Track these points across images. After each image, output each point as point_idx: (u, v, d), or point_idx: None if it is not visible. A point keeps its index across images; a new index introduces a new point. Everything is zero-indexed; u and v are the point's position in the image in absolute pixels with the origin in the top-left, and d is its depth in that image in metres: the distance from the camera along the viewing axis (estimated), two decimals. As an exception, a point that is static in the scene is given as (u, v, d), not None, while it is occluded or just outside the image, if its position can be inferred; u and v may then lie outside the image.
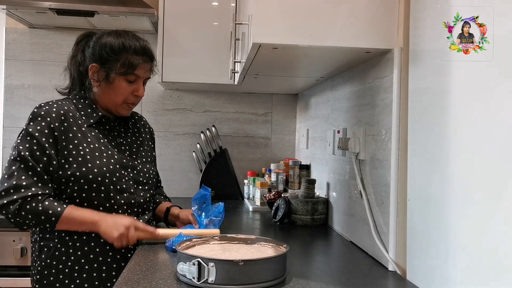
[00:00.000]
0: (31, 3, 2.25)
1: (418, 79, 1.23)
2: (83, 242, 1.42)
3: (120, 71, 1.46)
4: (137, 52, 1.47)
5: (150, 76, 1.55)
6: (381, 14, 1.35)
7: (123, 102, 1.50)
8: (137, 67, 1.47)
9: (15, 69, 2.72)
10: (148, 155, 1.62)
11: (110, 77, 1.47)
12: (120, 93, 1.48)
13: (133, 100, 1.52)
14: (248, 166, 2.83)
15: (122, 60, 1.45)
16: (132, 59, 1.46)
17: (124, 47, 1.46)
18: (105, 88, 1.49)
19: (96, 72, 1.48)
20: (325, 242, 1.70)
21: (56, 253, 1.41)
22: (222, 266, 1.09)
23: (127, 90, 1.48)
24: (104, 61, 1.46)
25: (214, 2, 2.44)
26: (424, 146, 1.17)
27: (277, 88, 2.64)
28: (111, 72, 1.46)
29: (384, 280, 1.25)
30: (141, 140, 1.62)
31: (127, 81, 1.48)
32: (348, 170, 1.70)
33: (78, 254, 1.41)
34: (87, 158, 1.42)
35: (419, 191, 1.20)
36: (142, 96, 1.53)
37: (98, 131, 1.49)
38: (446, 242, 1.05)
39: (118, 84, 1.47)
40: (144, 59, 1.49)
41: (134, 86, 1.49)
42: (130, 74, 1.47)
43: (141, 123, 1.69)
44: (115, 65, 1.45)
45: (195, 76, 2.42)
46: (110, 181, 1.43)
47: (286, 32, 1.33)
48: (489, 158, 0.91)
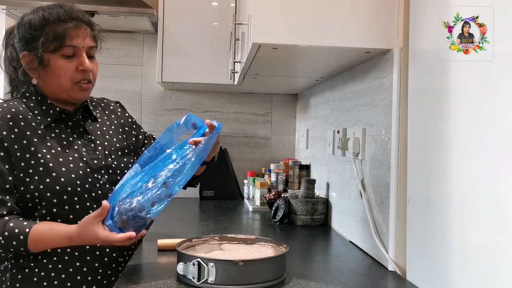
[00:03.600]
0: (31, 3, 2.25)
1: (418, 79, 1.23)
2: (66, 263, 1.22)
3: (49, 48, 1.21)
4: (61, 19, 1.22)
5: (93, 44, 1.28)
6: (381, 14, 1.35)
7: (72, 84, 1.25)
8: (66, 36, 1.21)
9: (15, 69, 2.71)
10: (123, 146, 1.38)
11: (43, 60, 1.22)
12: (62, 74, 1.23)
13: (82, 77, 1.25)
14: (248, 166, 2.82)
15: (46, 34, 1.21)
16: (57, 29, 1.21)
17: (45, 19, 1.22)
18: (44, 75, 1.25)
19: (28, 60, 1.24)
20: (325, 242, 1.70)
21: (34, 279, 1.21)
22: (222, 266, 1.09)
23: (68, 68, 1.23)
24: (29, 44, 1.22)
25: (214, 2, 2.44)
26: (424, 146, 1.17)
27: (277, 88, 2.64)
28: (41, 53, 1.21)
29: (384, 280, 1.25)
30: (113, 129, 1.39)
31: (64, 57, 1.23)
32: (348, 170, 1.70)
33: (62, 277, 1.22)
34: (49, 166, 1.20)
35: (419, 191, 1.20)
36: (90, 70, 1.26)
37: (59, 131, 1.27)
38: (446, 242, 1.05)
39: (54, 64, 1.22)
40: (74, 25, 1.23)
41: (76, 60, 1.24)
42: (62, 47, 1.21)
43: (107, 107, 1.44)
44: (41, 43, 1.21)
45: (195, 76, 2.42)
46: (83, 189, 1.22)
47: (286, 32, 1.33)
48: (489, 158, 0.91)
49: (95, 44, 1.29)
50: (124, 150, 1.37)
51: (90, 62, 1.27)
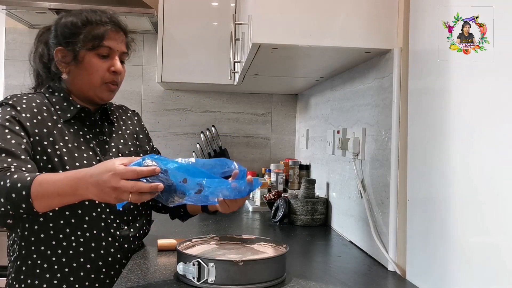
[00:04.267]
0: (31, 3, 2.25)
1: (418, 79, 1.23)
2: (71, 257, 1.23)
3: (87, 46, 1.27)
4: (102, 22, 1.29)
5: (126, 51, 1.36)
6: (381, 14, 1.35)
7: (101, 83, 1.30)
8: (105, 36, 1.28)
9: (15, 69, 2.72)
10: (137, 151, 1.42)
11: (78, 56, 1.28)
12: (95, 71, 1.29)
13: (112, 78, 1.31)
14: (248, 166, 2.82)
15: (87, 32, 1.27)
16: (97, 30, 1.28)
17: (88, 20, 1.29)
18: (76, 71, 1.30)
19: (62, 55, 1.30)
20: (325, 242, 1.70)
21: (37, 270, 1.22)
22: (222, 266, 1.08)
23: (101, 67, 1.29)
24: (68, 40, 1.28)
25: (214, 2, 2.44)
26: (424, 146, 1.17)
27: (277, 88, 2.64)
28: (78, 49, 1.27)
29: (384, 280, 1.25)
30: (127, 134, 1.43)
31: (99, 56, 1.29)
32: (348, 170, 1.70)
33: (66, 271, 1.23)
34: (64, 159, 1.23)
35: (419, 191, 1.20)
36: (120, 72, 1.33)
37: (77, 128, 1.30)
38: (446, 242, 1.05)
39: (89, 61, 1.28)
40: (113, 28, 1.31)
41: (109, 61, 1.31)
42: (99, 47, 1.28)
43: (125, 114, 1.49)
44: (81, 40, 1.27)
45: (195, 76, 2.42)
46: None
47: (286, 32, 1.33)
48: (489, 158, 0.91)
49: (127, 51, 1.37)
50: (137, 156, 1.37)
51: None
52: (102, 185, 0.99)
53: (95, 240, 1.26)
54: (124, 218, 1.32)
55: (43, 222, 1.23)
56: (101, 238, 1.27)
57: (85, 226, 1.25)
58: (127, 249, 1.33)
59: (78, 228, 1.24)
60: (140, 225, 1.38)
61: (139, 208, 1.38)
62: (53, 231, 1.23)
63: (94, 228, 1.26)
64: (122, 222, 1.32)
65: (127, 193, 0.98)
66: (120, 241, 1.30)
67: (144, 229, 1.41)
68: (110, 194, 0.99)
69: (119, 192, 0.98)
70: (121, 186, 0.98)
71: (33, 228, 1.23)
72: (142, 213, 1.40)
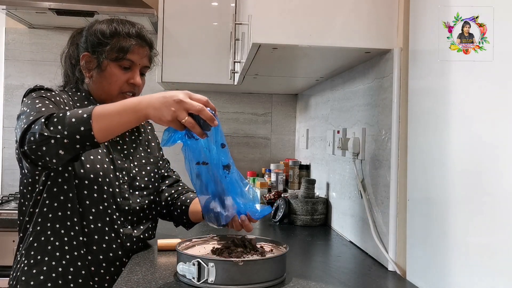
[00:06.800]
0: (31, 3, 2.25)
1: (418, 79, 1.23)
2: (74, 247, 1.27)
3: (111, 56, 1.34)
4: (130, 35, 1.35)
5: (148, 65, 1.42)
6: (381, 14, 1.35)
7: (118, 93, 1.36)
8: (130, 50, 1.34)
9: (15, 69, 2.72)
10: (148, 157, 1.47)
11: (102, 64, 1.35)
12: (114, 82, 1.35)
13: (129, 89, 1.37)
14: (248, 166, 2.83)
15: (113, 44, 1.34)
16: (123, 43, 1.34)
17: (116, 31, 1.35)
18: (97, 78, 1.36)
19: (87, 61, 1.37)
20: (325, 242, 1.70)
21: (48, 247, 1.28)
22: (222, 266, 1.08)
23: (121, 78, 1.35)
24: (94, 48, 1.35)
25: (214, 2, 2.44)
26: (424, 146, 1.17)
27: (277, 88, 2.64)
28: (103, 58, 1.34)
29: (384, 280, 1.25)
30: (140, 140, 1.48)
31: (120, 67, 1.35)
32: (348, 170, 1.70)
33: (75, 254, 1.28)
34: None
35: (419, 191, 1.20)
36: (139, 85, 1.39)
37: None
38: (446, 242, 1.05)
39: (110, 71, 1.35)
40: (138, 43, 1.36)
41: (129, 73, 1.36)
42: (122, 59, 1.34)
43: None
44: (106, 50, 1.34)
45: (195, 76, 2.42)
46: (104, 182, 1.30)
47: (286, 32, 1.33)
48: (489, 158, 0.91)
49: (149, 65, 1.43)
50: (148, 161, 1.46)
51: (140, 79, 1.40)
52: (168, 97, 1.05)
53: (98, 233, 1.30)
54: (129, 218, 1.36)
55: (62, 201, 1.27)
56: (105, 232, 1.30)
57: (90, 217, 1.29)
58: (129, 248, 1.35)
59: (84, 219, 1.29)
60: (145, 229, 1.41)
61: (146, 212, 1.42)
62: (70, 212, 1.28)
63: (98, 221, 1.30)
64: (126, 221, 1.35)
65: (186, 112, 1.04)
66: (123, 238, 1.34)
67: (150, 233, 1.44)
68: (171, 107, 1.04)
69: (181, 106, 1.04)
70: (187, 102, 1.04)
71: (53, 205, 1.27)
72: (149, 217, 1.44)
